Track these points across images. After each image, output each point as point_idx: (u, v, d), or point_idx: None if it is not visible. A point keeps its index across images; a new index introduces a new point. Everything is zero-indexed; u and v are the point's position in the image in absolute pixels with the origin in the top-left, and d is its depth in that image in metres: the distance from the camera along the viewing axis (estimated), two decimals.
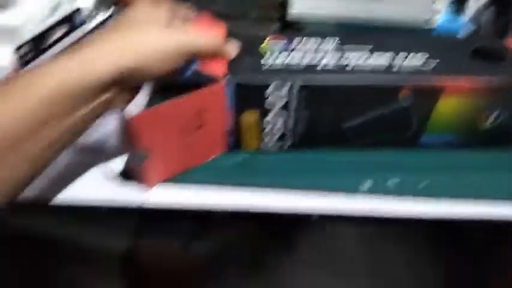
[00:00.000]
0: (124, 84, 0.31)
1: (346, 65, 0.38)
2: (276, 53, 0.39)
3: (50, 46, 0.41)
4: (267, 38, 0.41)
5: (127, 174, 0.39)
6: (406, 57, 0.39)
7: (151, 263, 0.42)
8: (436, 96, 0.39)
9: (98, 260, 0.41)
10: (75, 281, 0.40)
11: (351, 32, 0.43)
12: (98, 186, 0.38)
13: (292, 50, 0.40)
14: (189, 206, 0.38)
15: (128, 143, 0.35)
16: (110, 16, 0.44)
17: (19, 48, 0.38)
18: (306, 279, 0.42)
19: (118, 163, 0.40)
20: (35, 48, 0.39)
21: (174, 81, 0.36)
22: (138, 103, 0.38)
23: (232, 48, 0.38)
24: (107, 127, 0.42)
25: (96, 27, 0.42)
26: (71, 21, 0.43)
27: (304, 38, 0.41)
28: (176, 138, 0.37)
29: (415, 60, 0.39)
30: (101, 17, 0.51)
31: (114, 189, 0.38)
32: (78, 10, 0.44)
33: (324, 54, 0.39)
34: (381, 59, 0.39)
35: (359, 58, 0.39)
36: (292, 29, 0.59)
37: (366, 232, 0.42)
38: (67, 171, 0.39)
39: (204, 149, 0.41)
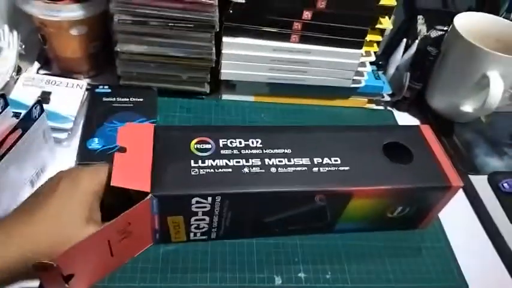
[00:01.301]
0: None
1: (268, 170, 0.41)
2: (202, 158, 0.41)
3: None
4: (195, 140, 0.42)
5: None
6: (321, 163, 0.42)
7: None
8: (347, 199, 0.42)
9: None
10: None
11: (272, 133, 0.45)
12: None
13: (218, 153, 0.42)
14: None
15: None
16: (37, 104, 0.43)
17: None
18: None
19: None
20: None
21: None
22: None
23: None
24: None
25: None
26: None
27: (230, 140, 0.43)
28: (100, 256, 0.38)
29: (329, 165, 0.42)
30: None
31: None
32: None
33: (247, 158, 0.42)
34: (298, 165, 0.42)
35: (279, 162, 0.42)
36: (224, 87, 0.61)
37: None
38: None
39: (130, 250, 0.42)
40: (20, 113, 0.50)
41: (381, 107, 0.66)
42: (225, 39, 0.55)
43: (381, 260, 0.47)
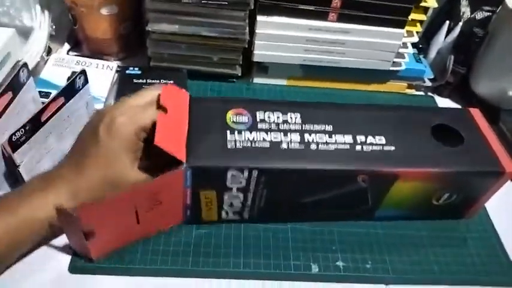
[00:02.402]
0: None
1: (308, 147, 0.39)
2: (238, 130, 0.39)
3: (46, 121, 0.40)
4: (231, 112, 0.40)
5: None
6: (365, 141, 0.40)
7: None
8: (391, 181, 0.40)
9: None
10: None
11: (311, 109, 0.42)
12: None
13: (256, 126, 0.39)
14: None
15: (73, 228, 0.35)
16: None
17: (12, 136, 0.37)
18: None
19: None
20: (30, 129, 0.39)
21: None
22: None
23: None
24: None
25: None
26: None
27: (267, 112, 0.41)
28: (125, 221, 0.37)
29: (373, 145, 0.40)
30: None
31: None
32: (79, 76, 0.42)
33: (286, 133, 0.39)
34: (340, 142, 0.39)
35: (320, 139, 0.39)
36: (256, 69, 0.59)
37: None
38: None
39: (158, 221, 0.40)
40: (50, 93, 0.50)
41: (421, 93, 0.63)
42: (259, 17, 0.52)
43: (424, 250, 0.44)
